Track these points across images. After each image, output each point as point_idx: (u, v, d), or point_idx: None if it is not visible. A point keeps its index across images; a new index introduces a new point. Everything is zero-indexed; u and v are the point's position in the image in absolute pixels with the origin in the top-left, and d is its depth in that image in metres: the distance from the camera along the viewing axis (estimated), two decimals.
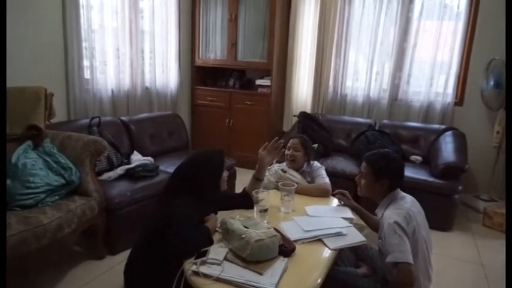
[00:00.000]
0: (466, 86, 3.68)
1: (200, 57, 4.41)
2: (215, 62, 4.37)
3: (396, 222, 1.57)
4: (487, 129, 3.58)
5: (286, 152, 2.49)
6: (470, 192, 3.60)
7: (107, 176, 2.53)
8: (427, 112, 3.79)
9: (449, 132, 3.44)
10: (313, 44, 4.11)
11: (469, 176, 3.55)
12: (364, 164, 1.81)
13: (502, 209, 3.06)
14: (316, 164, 2.53)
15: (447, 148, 3.20)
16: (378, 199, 1.81)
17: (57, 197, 1.99)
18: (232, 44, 4.15)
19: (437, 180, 2.94)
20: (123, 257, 2.22)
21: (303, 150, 2.47)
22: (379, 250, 1.80)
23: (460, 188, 2.91)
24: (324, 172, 2.45)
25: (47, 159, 2.06)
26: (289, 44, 4.23)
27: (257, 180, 2.06)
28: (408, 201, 1.74)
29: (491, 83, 3.32)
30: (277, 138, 2.15)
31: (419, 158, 3.44)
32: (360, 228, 1.94)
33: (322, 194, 2.30)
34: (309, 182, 2.42)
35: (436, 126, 3.61)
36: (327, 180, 2.38)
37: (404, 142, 3.56)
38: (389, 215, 1.64)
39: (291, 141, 2.52)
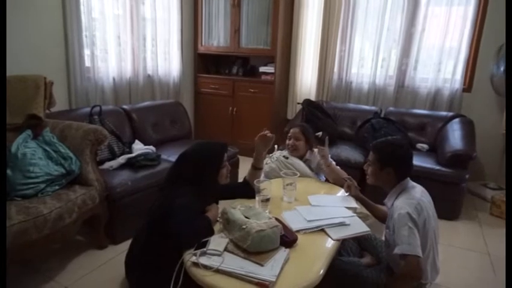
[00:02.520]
0: (475, 72, 3.58)
1: (203, 44, 4.34)
2: (218, 49, 4.30)
3: (408, 214, 1.54)
4: (496, 116, 3.49)
5: (288, 141, 2.46)
6: (477, 180, 3.54)
7: (108, 165, 2.51)
8: (434, 99, 3.71)
9: (456, 120, 3.37)
10: (318, 30, 4.01)
11: (476, 164, 3.48)
12: (371, 152, 1.79)
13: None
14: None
15: (455, 136, 3.13)
16: (387, 188, 1.77)
17: (57, 187, 1.98)
18: (236, 31, 4.07)
19: (444, 169, 2.88)
20: (125, 246, 2.21)
21: (304, 138, 2.43)
22: (385, 240, 1.77)
23: (467, 176, 2.86)
24: (330, 159, 2.42)
25: (47, 148, 2.04)
26: (294, 30, 4.15)
27: (256, 169, 2.02)
28: (418, 191, 1.70)
29: (502, 68, 3.22)
30: (265, 128, 2.06)
31: (425, 146, 3.38)
32: (363, 218, 1.91)
33: (339, 183, 2.27)
34: (312, 170, 2.38)
35: (444, 113, 3.53)
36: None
37: (410, 130, 3.49)
38: (400, 205, 1.60)
39: (291, 130, 2.49)
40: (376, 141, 1.82)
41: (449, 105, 3.65)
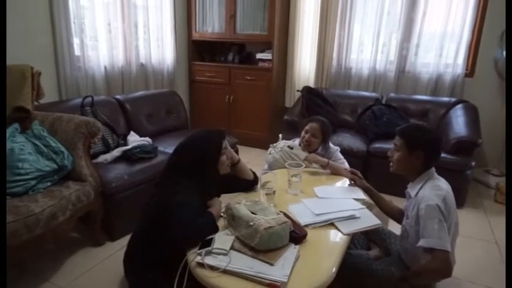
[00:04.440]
0: (478, 56, 3.49)
1: (197, 30, 4.19)
2: (213, 36, 4.15)
3: (438, 206, 1.46)
4: (499, 101, 3.43)
5: (303, 134, 2.35)
6: (480, 167, 3.48)
7: (102, 158, 2.40)
8: (436, 84, 3.62)
9: (459, 105, 3.30)
10: (316, 14, 3.89)
11: (479, 150, 3.43)
12: (397, 137, 1.68)
13: None
14: (332, 146, 2.41)
15: (458, 122, 3.06)
16: (412, 176, 1.67)
17: (49, 183, 1.86)
18: (231, 16, 3.92)
19: (449, 156, 2.81)
20: (122, 242, 2.14)
21: (321, 137, 2.34)
22: (403, 230, 1.68)
23: (473, 163, 2.80)
24: (341, 156, 2.37)
25: (37, 143, 1.92)
26: (291, 15, 4.01)
27: (232, 165, 1.87)
28: (444, 182, 1.62)
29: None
30: None
31: None
32: (368, 207, 1.84)
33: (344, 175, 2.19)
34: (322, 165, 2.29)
35: (446, 99, 3.46)
36: (347, 165, 2.30)
37: (412, 116, 3.41)
38: (428, 196, 1.51)
39: (310, 125, 2.37)
40: (401, 126, 1.72)
41: (451, 90, 3.57)
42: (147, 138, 2.76)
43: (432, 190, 1.53)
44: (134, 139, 2.69)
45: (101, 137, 2.47)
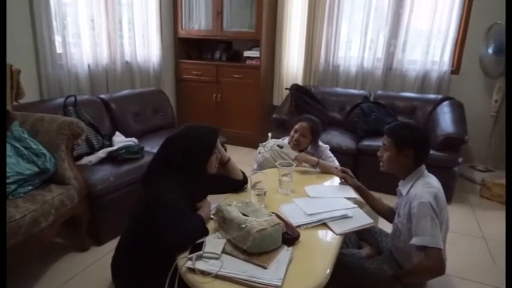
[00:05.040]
0: (464, 53, 3.53)
1: (183, 28, 4.11)
2: (200, 33, 4.09)
3: (430, 204, 1.45)
4: (484, 98, 3.48)
5: (292, 133, 2.33)
6: (465, 163, 3.52)
7: (87, 160, 2.33)
8: (422, 81, 3.65)
9: (446, 102, 3.32)
10: (304, 11, 3.87)
11: (464, 146, 3.46)
12: (385, 136, 1.67)
13: (500, 179, 3.00)
14: (322, 144, 2.39)
15: (445, 119, 3.09)
16: (403, 174, 1.66)
17: (30, 187, 1.78)
18: (218, 13, 3.86)
19: (436, 153, 2.83)
20: (109, 247, 2.08)
21: (311, 137, 2.31)
22: (395, 229, 1.67)
23: (460, 160, 2.83)
24: (331, 154, 2.35)
25: (17, 145, 1.84)
26: (279, 12, 3.98)
27: (223, 164, 1.84)
28: (434, 179, 1.62)
29: (491, 49, 3.18)
30: None
31: None
32: (359, 206, 1.82)
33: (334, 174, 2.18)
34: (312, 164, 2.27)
35: (433, 96, 3.48)
36: (337, 163, 2.28)
37: (401, 113, 3.43)
38: (420, 193, 1.50)
39: (299, 124, 2.34)
40: (388, 125, 1.71)
41: (437, 87, 3.61)
42: (133, 139, 2.69)
43: (424, 188, 1.53)
44: (120, 139, 2.62)
45: (85, 138, 2.39)
